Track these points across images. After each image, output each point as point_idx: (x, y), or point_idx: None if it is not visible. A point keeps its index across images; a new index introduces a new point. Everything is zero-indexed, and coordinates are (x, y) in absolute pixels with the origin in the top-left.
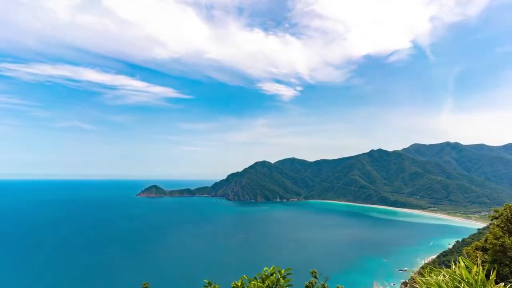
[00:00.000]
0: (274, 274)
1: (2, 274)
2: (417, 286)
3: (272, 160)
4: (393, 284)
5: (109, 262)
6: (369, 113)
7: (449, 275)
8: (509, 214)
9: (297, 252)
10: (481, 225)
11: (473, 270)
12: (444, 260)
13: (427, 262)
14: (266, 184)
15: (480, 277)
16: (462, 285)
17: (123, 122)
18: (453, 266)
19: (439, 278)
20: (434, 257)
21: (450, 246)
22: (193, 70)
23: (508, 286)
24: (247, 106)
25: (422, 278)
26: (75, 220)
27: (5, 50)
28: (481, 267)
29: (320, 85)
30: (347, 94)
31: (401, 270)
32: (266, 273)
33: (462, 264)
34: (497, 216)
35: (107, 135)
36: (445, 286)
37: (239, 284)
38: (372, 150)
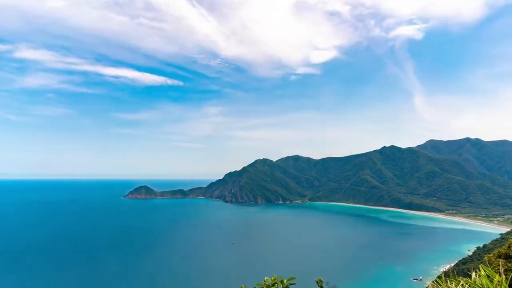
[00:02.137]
0: (276, 284)
1: None
2: None
3: (274, 158)
4: None
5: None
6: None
7: (469, 285)
8: None
9: (301, 260)
10: (504, 229)
11: (495, 279)
12: (463, 268)
13: (444, 270)
14: (267, 185)
15: (503, 287)
16: None
17: (51, 112)
18: (473, 275)
19: None
20: (452, 265)
21: (470, 253)
22: (76, 47)
23: None
24: (175, 89)
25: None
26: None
27: None
28: (503, 276)
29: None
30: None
31: (416, 280)
32: (267, 283)
33: (483, 272)
34: None
35: (43, 128)
36: None
37: None
38: (384, 147)
